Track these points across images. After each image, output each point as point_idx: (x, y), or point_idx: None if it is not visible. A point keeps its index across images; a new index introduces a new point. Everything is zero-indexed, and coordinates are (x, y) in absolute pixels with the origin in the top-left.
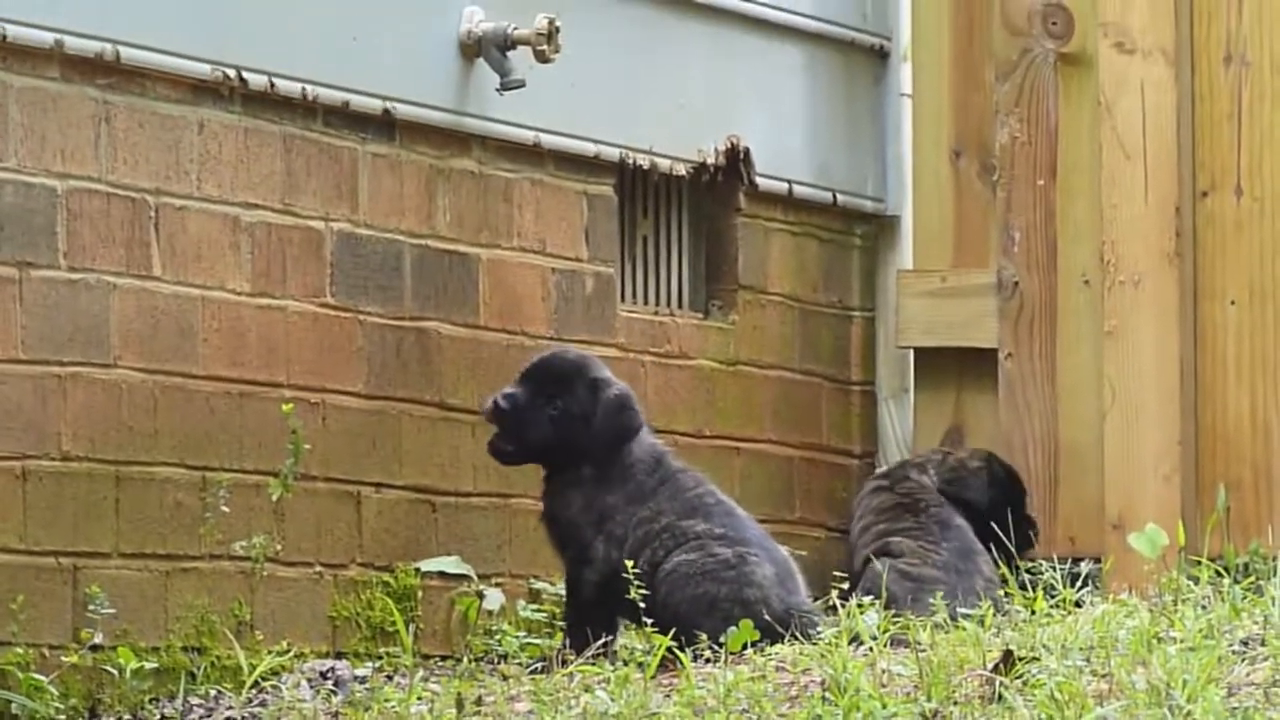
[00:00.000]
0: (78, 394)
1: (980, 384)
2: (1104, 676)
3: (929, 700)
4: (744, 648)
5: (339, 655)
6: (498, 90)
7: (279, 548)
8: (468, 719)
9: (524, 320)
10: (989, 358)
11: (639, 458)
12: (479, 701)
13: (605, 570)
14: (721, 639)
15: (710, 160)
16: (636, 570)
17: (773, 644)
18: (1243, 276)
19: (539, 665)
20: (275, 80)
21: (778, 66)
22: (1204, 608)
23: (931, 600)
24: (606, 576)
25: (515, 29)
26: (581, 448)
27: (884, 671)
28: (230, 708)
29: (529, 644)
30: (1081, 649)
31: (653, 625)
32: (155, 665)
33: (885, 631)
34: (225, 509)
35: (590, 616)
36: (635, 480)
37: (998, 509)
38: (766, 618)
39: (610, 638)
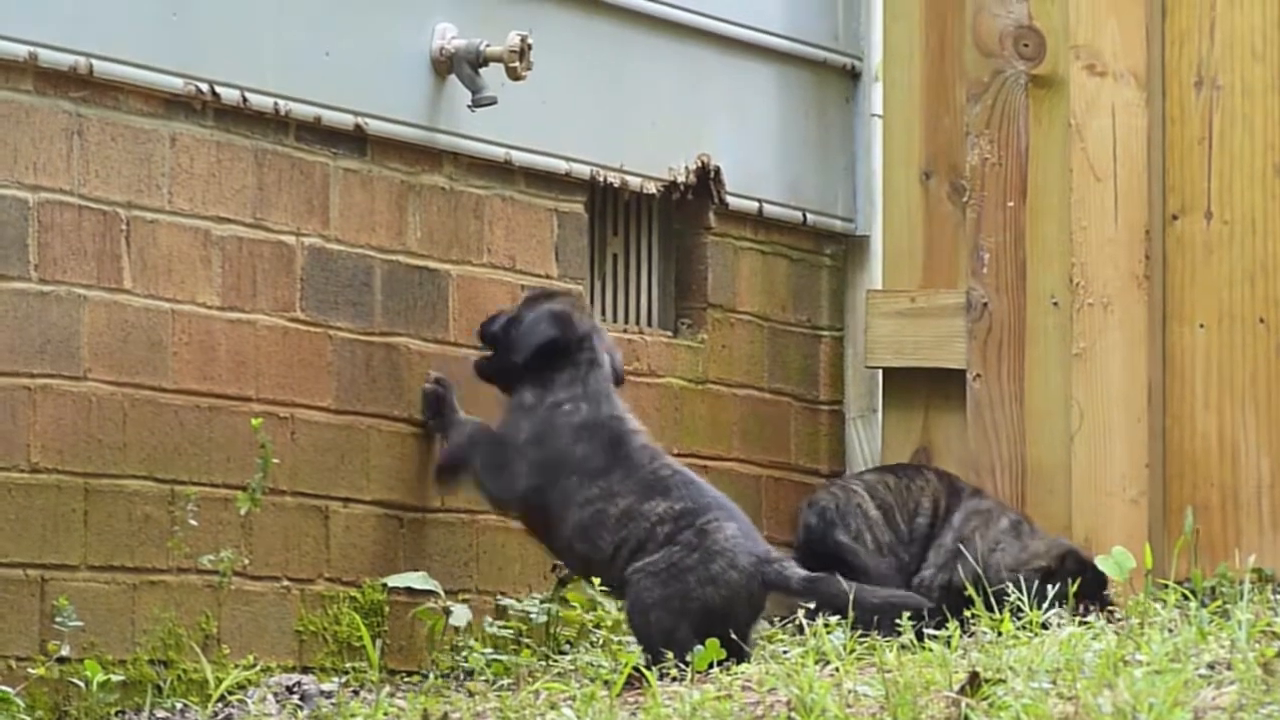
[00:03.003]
0: (47, 406)
1: (948, 405)
2: (1070, 699)
3: None
4: (710, 666)
5: (305, 670)
6: (469, 107)
7: (246, 562)
8: None
9: None
10: (957, 378)
11: (590, 419)
12: (445, 717)
13: (512, 490)
14: (688, 656)
15: (681, 179)
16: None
17: (750, 600)
18: (1212, 300)
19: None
20: (248, 95)
21: (749, 86)
22: (1171, 631)
23: None
24: (514, 496)
25: (487, 46)
26: (509, 363)
27: (850, 692)
28: None
29: (495, 660)
30: (1048, 671)
31: (628, 627)
32: (122, 678)
33: (851, 651)
34: (193, 522)
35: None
36: (570, 428)
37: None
38: (734, 575)
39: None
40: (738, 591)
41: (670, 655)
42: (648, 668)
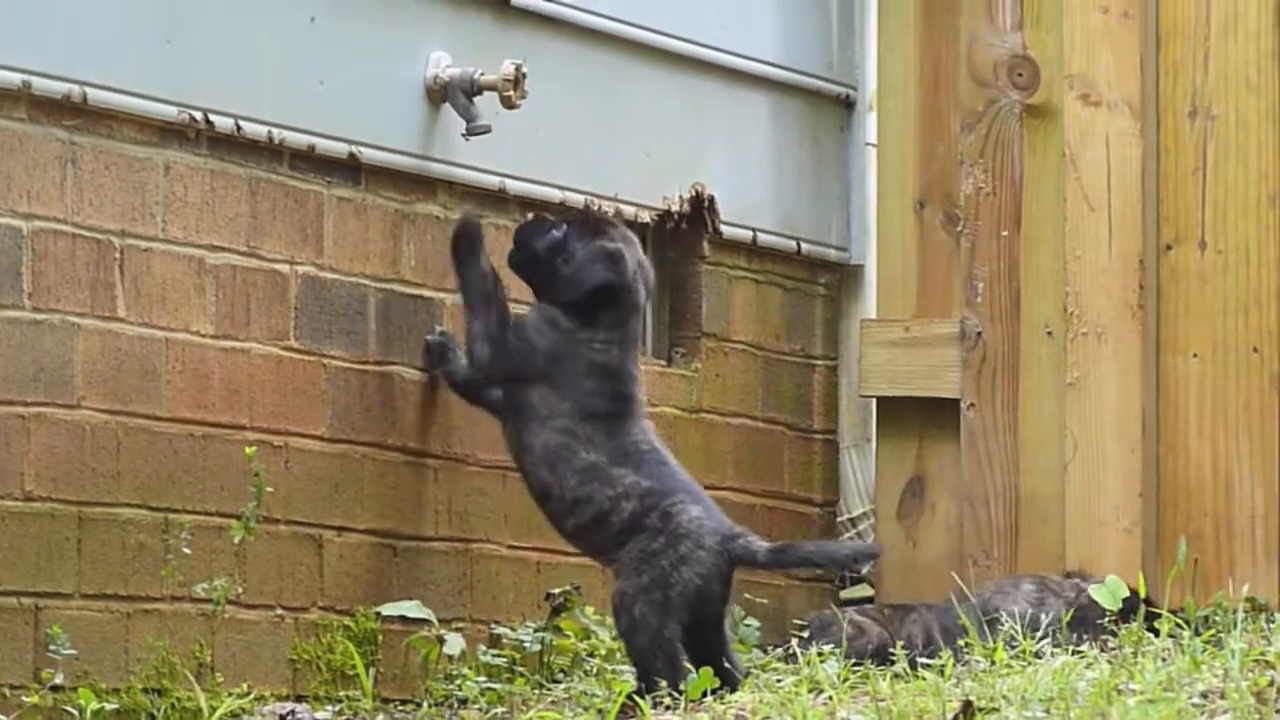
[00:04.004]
0: (41, 434)
1: (942, 434)
2: None
3: None
4: (704, 695)
5: (299, 698)
6: (464, 135)
7: (240, 590)
8: None
9: None
10: (951, 408)
11: (615, 364)
12: None
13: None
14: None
15: (675, 207)
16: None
17: (721, 577)
18: (1206, 330)
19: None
20: (242, 123)
21: (744, 114)
22: (1164, 660)
23: None
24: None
25: (482, 74)
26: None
27: None
28: None
29: (489, 689)
30: (1041, 700)
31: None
32: (116, 706)
33: (845, 680)
34: (187, 551)
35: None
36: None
37: None
38: (702, 554)
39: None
40: (710, 570)
41: (657, 659)
42: (637, 694)
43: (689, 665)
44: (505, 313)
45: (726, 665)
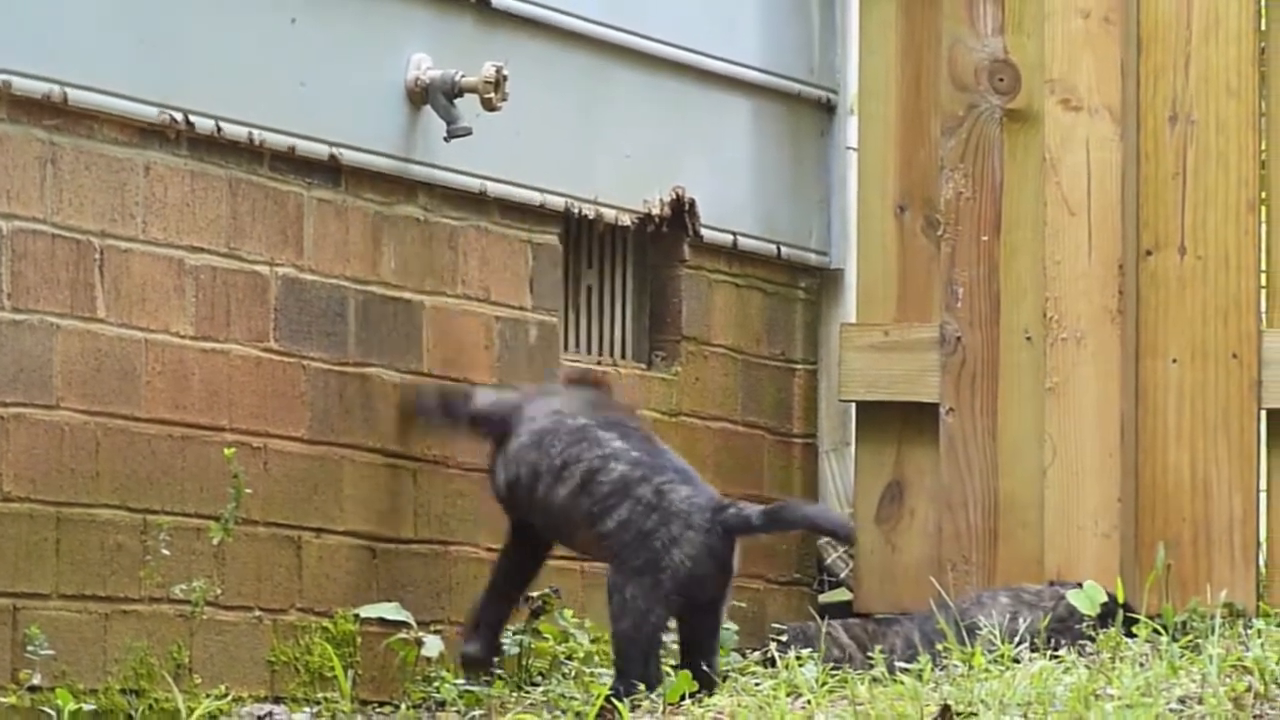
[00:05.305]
0: (20, 435)
1: (922, 438)
2: None
3: None
4: (682, 698)
5: (277, 700)
6: (444, 138)
7: (219, 591)
8: None
9: (467, 368)
10: (931, 412)
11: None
12: None
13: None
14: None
15: (655, 211)
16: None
17: (713, 554)
18: (1185, 335)
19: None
20: (222, 124)
21: (724, 118)
22: (1142, 665)
23: None
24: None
25: (462, 76)
26: None
27: None
28: None
29: (467, 691)
30: (1019, 705)
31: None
32: (94, 707)
33: (823, 685)
34: (166, 552)
35: None
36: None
37: None
38: (692, 534)
39: None
40: (699, 550)
41: (637, 646)
42: (615, 695)
43: (670, 666)
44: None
45: (705, 669)
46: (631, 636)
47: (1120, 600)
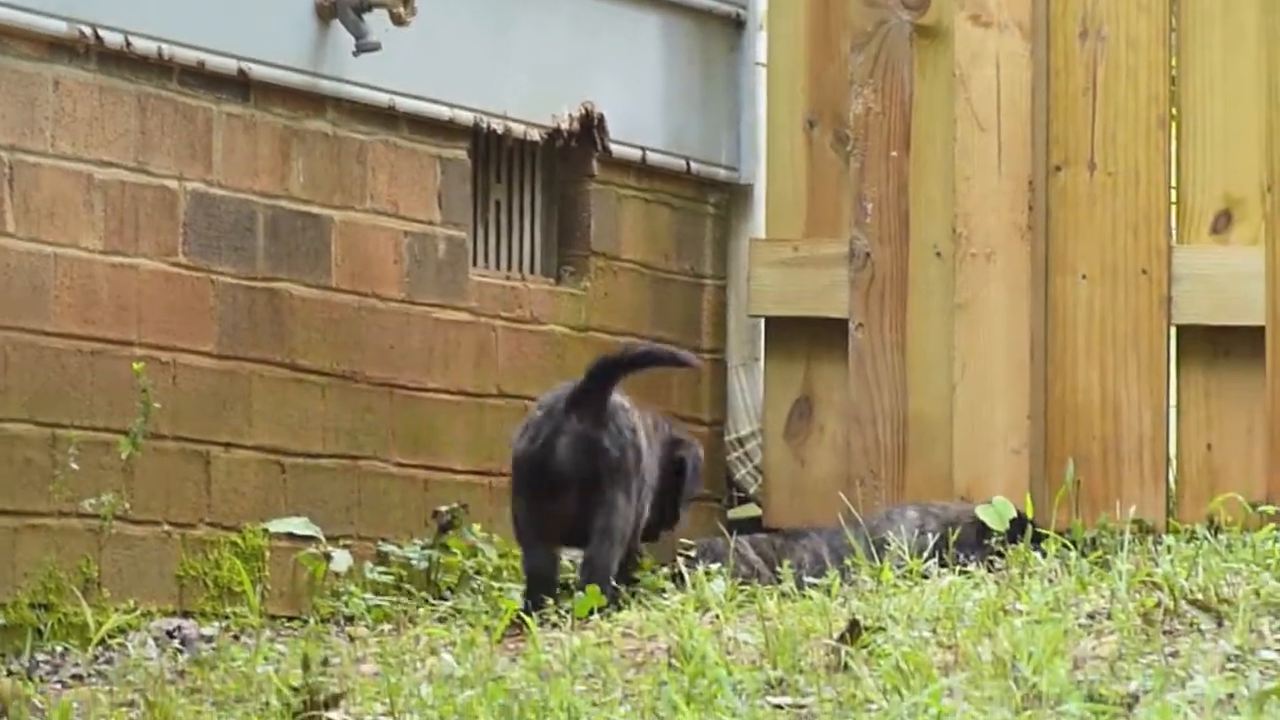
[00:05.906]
0: None
1: (831, 354)
2: (950, 648)
3: (775, 668)
4: (590, 613)
5: (186, 614)
6: (353, 52)
7: (128, 506)
8: (314, 679)
9: (375, 283)
10: (840, 328)
11: None
12: (325, 662)
13: None
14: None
15: (565, 126)
16: None
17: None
18: (1094, 251)
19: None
20: (131, 39)
21: (634, 34)
22: (1051, 581)
23: None
24: None
25: None
26: None
27: (730, 639)
28: (77, 665)
29: (376, 606)
30: (928, 620)
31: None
32: (2, 622)
33: (732, 600)
34: (75, 466)
35: None
36: None
37: None
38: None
39: None
40: (540, 431)
41: (519, 543)
42: (524, 611)
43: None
44: None
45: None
46: (515, 528)
47: (1030, 516)
